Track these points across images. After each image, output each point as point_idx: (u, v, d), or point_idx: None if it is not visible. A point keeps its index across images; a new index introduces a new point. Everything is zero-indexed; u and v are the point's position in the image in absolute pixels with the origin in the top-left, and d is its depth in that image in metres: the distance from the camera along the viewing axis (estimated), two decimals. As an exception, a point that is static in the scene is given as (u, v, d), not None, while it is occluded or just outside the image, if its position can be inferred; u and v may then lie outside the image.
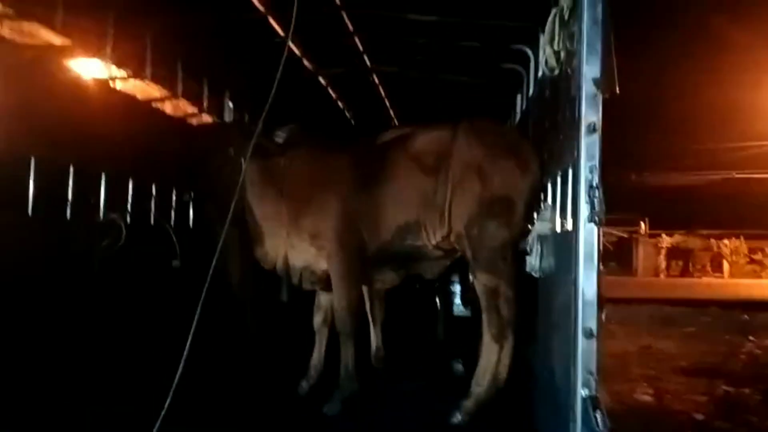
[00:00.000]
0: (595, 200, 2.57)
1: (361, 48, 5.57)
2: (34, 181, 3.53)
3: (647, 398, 6.03)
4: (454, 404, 3.72)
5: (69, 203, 3.85)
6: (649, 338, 9.21)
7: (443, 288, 6.18)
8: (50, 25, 3.65)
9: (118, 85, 4.30)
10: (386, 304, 4.66)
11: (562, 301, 2.95)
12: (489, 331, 3.67)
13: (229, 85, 6.21)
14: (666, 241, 24.76)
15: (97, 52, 4.08)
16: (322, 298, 4.24)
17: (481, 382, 3.69)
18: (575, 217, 2.70)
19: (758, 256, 23.01)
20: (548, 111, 3.67)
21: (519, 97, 5.90)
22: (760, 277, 21.75)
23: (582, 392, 2.60)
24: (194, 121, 5.42)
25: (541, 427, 3.32)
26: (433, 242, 3.82)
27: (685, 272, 24.64)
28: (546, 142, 3.69)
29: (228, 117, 6.32)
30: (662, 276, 24.27)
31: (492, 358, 3.67)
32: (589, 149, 2.65)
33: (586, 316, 2.61)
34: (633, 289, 15.29)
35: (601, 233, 2.64)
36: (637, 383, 6.50)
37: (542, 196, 3.82)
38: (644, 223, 25.02)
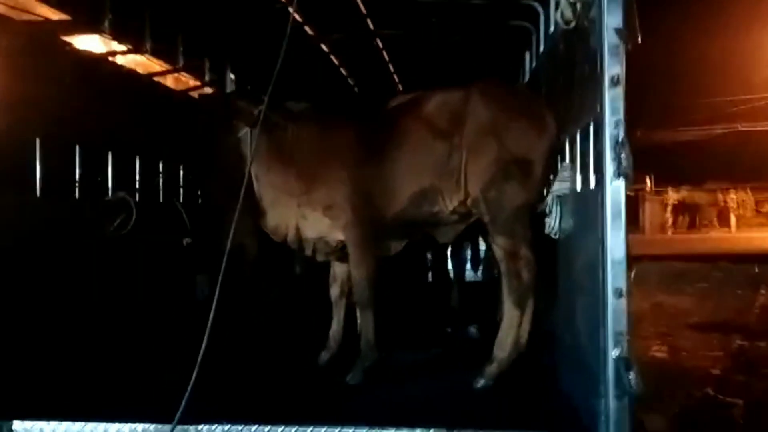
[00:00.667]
0: (622, 156, 2.49)
1: (364, 11, 5.41)
2: (41, 161, 3.45)
3: (662, 355, 6.04)
4: (475, 370, 3.70)
5: (77, 183, 3.77)
6: (661, 295, 9.22)
7: (455, 253, 6.15)
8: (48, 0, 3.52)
9: (119, 60, 4.17)
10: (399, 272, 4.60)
11: (586, 261, 2.89)
12: (510, 295, 3.62)
13: (230, 56, 6.06)
14: (672, 197, 24.66)
15: (95, 26, 3.94)
16: (338, 269, 4.18)
17: (504, 346, 3.65)
18: (601, 175, 2.62)
19: (765, 209, 22.90)
20: (564, 67, 3.56)
21: (527, 55, 5.75)
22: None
23: (613, 353, 2.55)
24: (196, 94, 5.29)
25: (567, 389, 3.29)
26: (450, 208, 3.74)
27: (692, 227, 24.60)
28: (562, 99, 3.58)
29: (230, 88, 6.19)
30: (669, 232, 24.22)
31: (514, 322, 3.63)
32: (613, 103, 2.56)
33: (615, 276, 2.55)
34: (642, 246, 15.26)
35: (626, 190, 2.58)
36: (651, 340, 6.51)
37: (559, 156, 3.74)
38: (650, 179, 24.88)
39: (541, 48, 4.82)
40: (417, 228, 3.91)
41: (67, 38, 3.63)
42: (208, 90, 5.57)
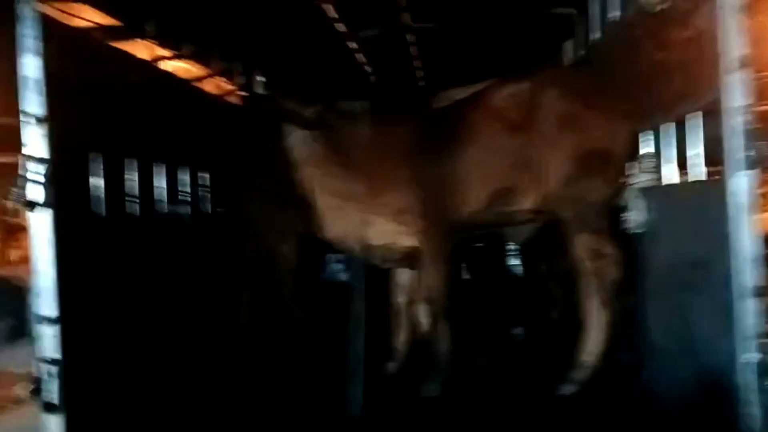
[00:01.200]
0: (757, 144, 2.30)
1: (402, 4, 5.20)
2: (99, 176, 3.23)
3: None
4: (552, 375, 3.51)
5: (136, 198, 3.54)
6: None
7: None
8: (95, 4, 3.30)
9: (164, 67, 3.95)
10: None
11: (700, 258, 2.70)
12: (596, 296, 3.41)
13: (258, 58, 5.84)
14: None
15: (141, 32, 3.73)
16: (402, 276, 3.98)
17: (591, 350, 3.45)
18: (724, 165, 2.42)
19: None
20: (644, 52, 3.35)
21: (569, 44, 5.55)
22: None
23: (747, 357, 2.37)
24: (235, 99, 5.09)
25: (673, 396, 3.08)
26: (527, 206, 3.54)
27: None
28: (645, 86, 3.38)
29: (259, 90, 5.98)
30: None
31: (601, 325, 3.43)
32: (737, 88, 2.36)
33: (749, 274, 2.36)
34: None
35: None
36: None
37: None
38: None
39: (597, 34, 4.60)
40: (489, 229, 3.71)
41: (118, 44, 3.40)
42: (242, 93, 5.35)
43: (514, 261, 6.55)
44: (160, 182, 3.86)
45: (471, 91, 3.76)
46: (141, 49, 3.71)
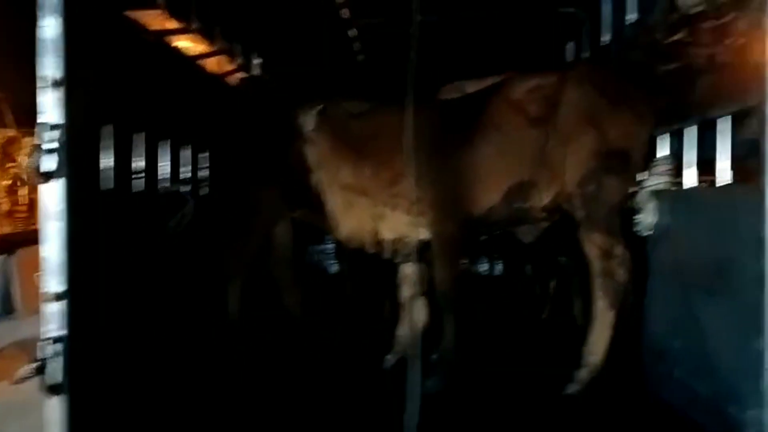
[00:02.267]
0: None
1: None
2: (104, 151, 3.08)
3: None
4: (557, 372, 3.49)
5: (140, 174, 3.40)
6: None
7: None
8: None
9: (170, 42, 3.80)
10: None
11: (720, 262, 2.69)
12: (604, 296, 3.40)
13: (258, 39, 5.70)
14: None
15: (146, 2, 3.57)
16: (407, 270, 3.90)
17: (596, 350, 3.44)
18: (762, 171, 2.41)
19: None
20: (667, 56, 3.35)
21: (571, 45, 5.56)
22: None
23: (775, 367, 2.36)
24: (234, 81, 4.94)
25: (680, 399, 3.08)
26: (544, 203, 3.50)
27: None
28: (665, 90, 3.38)
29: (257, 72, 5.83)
30: None
31: (608, 324, 3.41)
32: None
33: (780, 279, 2.36)
34: None
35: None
36: None
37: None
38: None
39: (607, 36, 4.61)
40: (503, 226, 3.67)
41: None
42: (241, 75, 5.20)
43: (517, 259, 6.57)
44: (164, 160, 3.73)
45: (480, 85, 3.70)
46: (153, 20, 3.56)
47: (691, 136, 3.26)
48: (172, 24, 3.78)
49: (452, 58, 6.68)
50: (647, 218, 3.45)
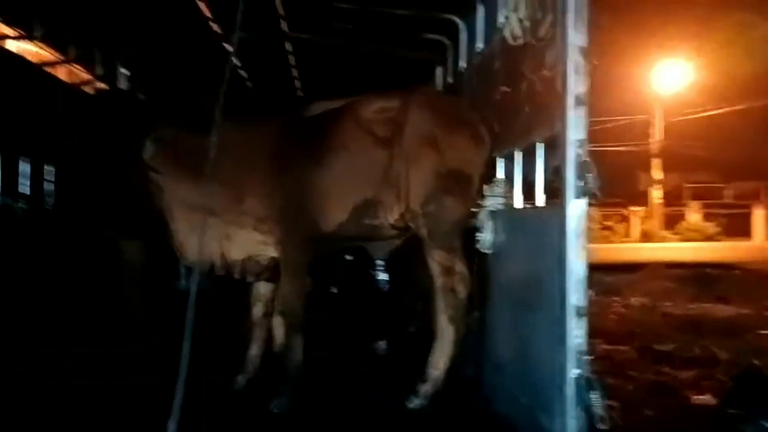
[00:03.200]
0: (589, 175, 2.49)
1: (281, 12, 5.16)
2: None
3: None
4: (404, 388, 3.57)
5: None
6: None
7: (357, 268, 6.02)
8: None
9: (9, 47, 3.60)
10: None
11: (538, 278, 2.87)
12: (445, 311, 3.53)
13: (123, 49, 5.52)
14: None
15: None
16: (261, 288, 3.87)
17: (438, 364, 3.55)
18: (563, 193, 2.60)
19: (609, 222, 24.82)
20: (501, 83, 3.56)
21: (440, 70, 5.77)
22: (611, 241, 23.46)
23: (573, 372, 2.55)
24: (89, 90, 4.75)
25: (508, 408, 3.25)
26: (390, 221, 3.60)
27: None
28: (497, 115, 3.58)
29: (121, 85, 5.64)
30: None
31: (448, 339, 3.54)
32: (576, 122, 2.56)
33: (576, 295, 2.55)
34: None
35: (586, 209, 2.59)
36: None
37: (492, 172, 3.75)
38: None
39: (460, 63, 4.83)
40: (353, 242, 3.73)
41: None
42: (100, 85, 5.01)
43: (381, 276, 6.67)
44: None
45: (341, 103, 3.78)
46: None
47: (518, 159, 3.47)
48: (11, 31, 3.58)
49: (327, 78, 6.83)
50: (487, 237, 3.62)
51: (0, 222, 3.43)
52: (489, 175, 3.71)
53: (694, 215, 25.22)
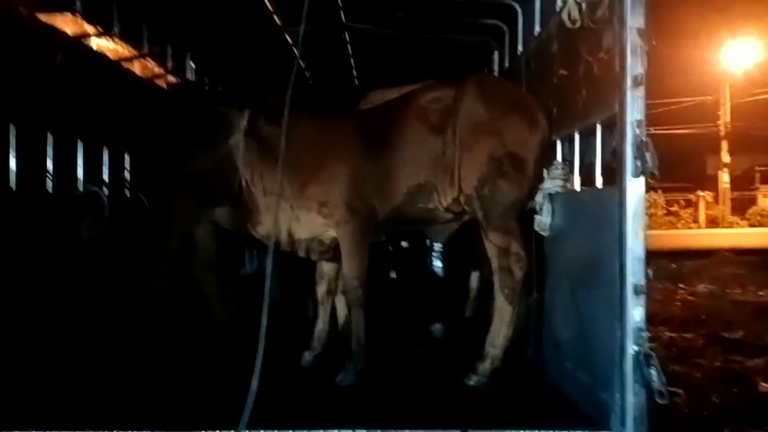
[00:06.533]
0: (647, 155, 2.52)
1: (339, 3, 5.30)
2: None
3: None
4: (465, 367, 3.67)
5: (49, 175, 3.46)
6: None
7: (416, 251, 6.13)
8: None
9: (91, 44, 3.88)
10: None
11: (598, 258, 2.92)
12: (502, 292, 3.61)
13: (192, 44, 5.78)
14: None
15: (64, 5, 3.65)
16: (325, 267, 4.06)
17: (496, 343, 3.64)
18: (621, 173, 2.64)
19: (674, 208, 24.06)
20: (559, 66, 3.59)
21: (497, 54, 5.80)
22: (676, 227, 22.77)
23: (632, 348, 2.60)
24: (164, 83, 5.02)
25: (569, 384, 3.31)
26: (444, 204, 3.71)
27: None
28: (557, 98, 3.62)
29: (190, 78, 5.92)
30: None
31: (506, 319, 3.62)
32: (634, 103, 2.59)
33: (635, 273, 2.59)
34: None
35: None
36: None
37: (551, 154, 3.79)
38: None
39: (518, 47, 4.86)
40: (409, 225, 3.85)
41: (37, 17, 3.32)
42: (171, 78, 5.28)
43: (437, 262, 6.77)
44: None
45: (399, 92, 3.90)
46: (68, 24, 3.63)
47: (577, 141, 3.50)
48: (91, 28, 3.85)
49: (384, 67, 6.94)
50: (545, 219, 3.67)
51: (88, 208, 3.69)
52: (548, 158, 3.76)
53: (765, 200, 24.15)
